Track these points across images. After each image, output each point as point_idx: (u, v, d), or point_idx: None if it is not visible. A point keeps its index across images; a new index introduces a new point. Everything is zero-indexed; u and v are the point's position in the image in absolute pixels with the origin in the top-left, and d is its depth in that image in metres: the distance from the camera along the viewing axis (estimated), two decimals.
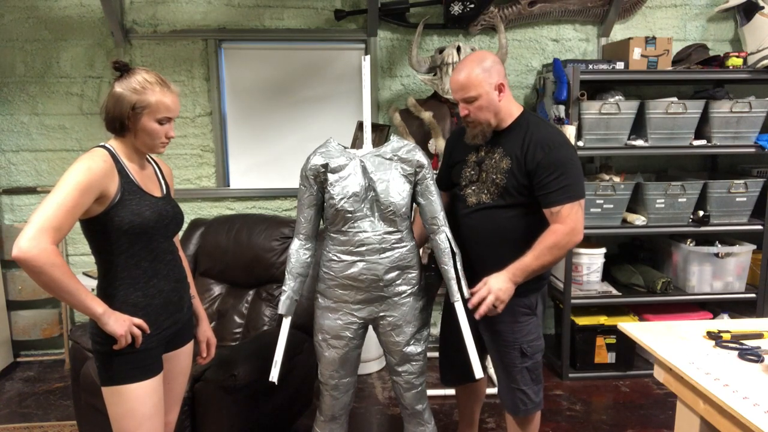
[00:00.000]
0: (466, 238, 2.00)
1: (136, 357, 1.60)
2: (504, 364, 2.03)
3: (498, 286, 1.79)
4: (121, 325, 1.53)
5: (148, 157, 1.73)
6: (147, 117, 1.56)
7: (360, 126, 2.00)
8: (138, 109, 1.55)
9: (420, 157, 1.93)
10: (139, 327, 1.58)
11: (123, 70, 1.58)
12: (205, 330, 1.93)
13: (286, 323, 1.98)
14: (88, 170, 1.48)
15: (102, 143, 1.61)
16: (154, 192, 1.67)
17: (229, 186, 3.50)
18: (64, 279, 1.41)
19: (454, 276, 1.92)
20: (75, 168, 1.49)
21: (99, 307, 1.51)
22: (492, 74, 1.84)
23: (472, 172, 1.99)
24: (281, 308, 1.97)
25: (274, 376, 1.93)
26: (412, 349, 1.99)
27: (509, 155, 1.88)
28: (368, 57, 1.98)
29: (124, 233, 1.56)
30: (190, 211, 3.43)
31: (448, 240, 1.93)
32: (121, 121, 1.56)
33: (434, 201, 1.94)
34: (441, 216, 1.94)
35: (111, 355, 1.58)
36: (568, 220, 1.80)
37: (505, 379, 2.04)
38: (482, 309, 1.79)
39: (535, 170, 1.82)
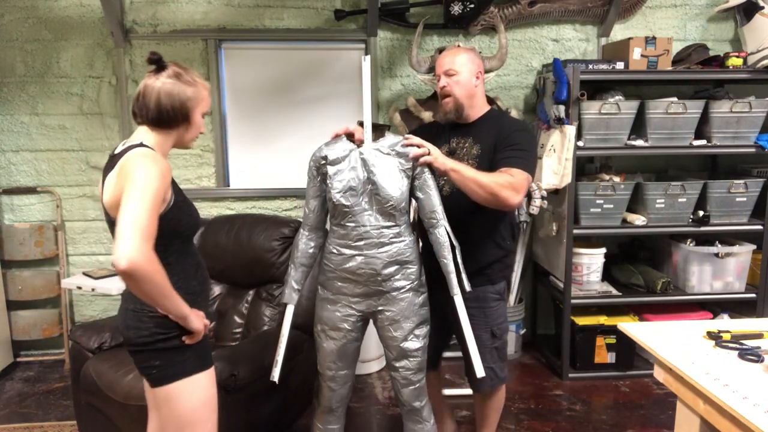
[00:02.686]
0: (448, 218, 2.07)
1: (200, 346, 1.61)
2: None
3: (440, 154, 1.88)
4: (199, 320, 1.56)
5: None
6: (197, 110, 1.60)
7: (360, 126, 2.00)
8: (192, 102, 1.57)
9: None
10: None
11: (159, 64, 1.56)
12: None
13: (289, 312, 2.02)
14: (161, 176, 1.44)
15: (140, 142, 1.55)
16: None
17: (229, 186, 3.50)
18: (165, 284, 1.42)
19: (453, 270, 1.93)
20: (149, 173, 1.43)
21: (187, 307, 1.51)
22: (475, 62, 2.08)
23: None
24: (283, 296, 2.03)
25: (274, 375, 1.95)
26: (410, 344, 1.99)
27: (479, 143, 2.05)
28: (368, 57, 1.98)
29: (179, 234, 1.58)
30: None
31: (448, 234, 1.94)
32: (180, 113, 1.56)
33: (432, 195, 1.94)
34: (440, 210, 1.95)
35: (178, 349, 1.56)
36: (516, 179, 1.89)
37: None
38: (418, 152, 1.85)
39: (500, 143, 2.00)
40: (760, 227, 3.16)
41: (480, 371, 1.92)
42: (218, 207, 3.47)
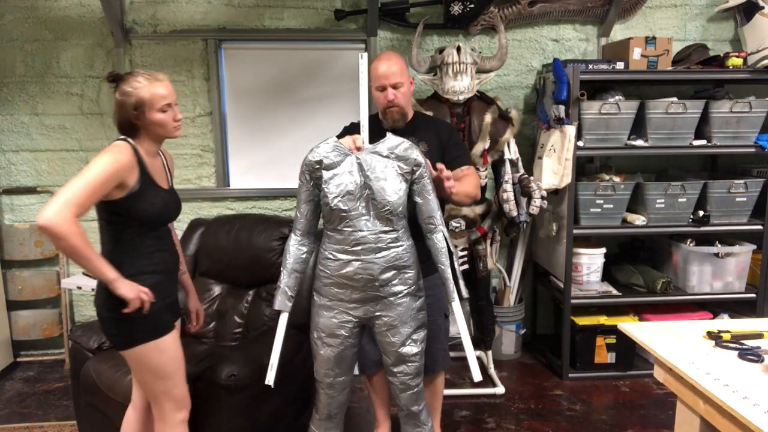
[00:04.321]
0: None
1: (148, 320, 1.78)
2: (431, 330, 2.17)
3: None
4: (131, 289, 1.71)
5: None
6: (149, 111, 1.76)
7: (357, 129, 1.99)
8: (139, 108, 1.75)
9: (417, 155, 1.91)
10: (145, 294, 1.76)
11: (116, 80, 1.79)
12: (195, 301, 2.20)
13: (282, 320, 1.97)
14: (114, 162, 1.68)
15: (123, 137, 1.79)
16: (163, 184, 1.88)
17: (229, 186, 3.50)
18: (83, 246, 1.61)
19: (451, 276, 1.91)
20: (103, 158, 1.68)
21: (112, 273, 1.69)
22: (406, 67, 2.19)
23: None
24: (275, 303, 1.98)
25: (270, 379, 1.92)
26: (407, 349, 1.97)
27: (424, 140, 2.16)
28: (365, 54, 1.91)
29: (137, 218, 1.78)
30: (190, 211, 3.42)
31: (445, 239, 1.93)
32: (130, 122, 1.77)
33: (431, 200, 1.92)
34: (438, 215, 1.93)
35: (128, 320, 1.74)
36: (477, 176, 2.25)
37: (432, 342, 2.21)
38: (447, 173, 1.96)
39: (446, 142, 2.20)
40: (760, 227, 3.16)
41: (477, 375, 1.89)
42: (218, 207, 3.47)
